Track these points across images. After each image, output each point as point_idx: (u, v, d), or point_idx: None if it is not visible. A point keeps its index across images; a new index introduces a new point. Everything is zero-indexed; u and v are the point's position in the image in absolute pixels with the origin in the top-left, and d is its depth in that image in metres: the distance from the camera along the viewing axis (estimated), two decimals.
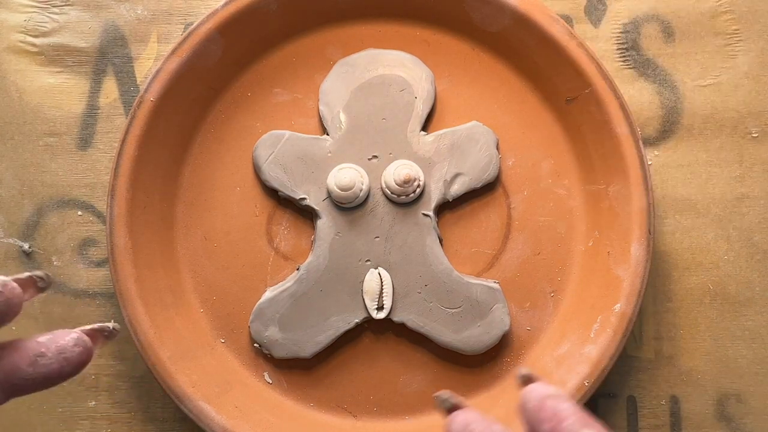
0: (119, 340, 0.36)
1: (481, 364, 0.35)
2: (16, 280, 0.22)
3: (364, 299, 0.34)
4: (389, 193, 0.34)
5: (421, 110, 0.35)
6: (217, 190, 0.35)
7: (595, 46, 0.37)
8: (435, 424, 0.34)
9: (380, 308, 0.34)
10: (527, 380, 0.23)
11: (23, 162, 0.36)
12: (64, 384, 0.35)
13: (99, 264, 0.36)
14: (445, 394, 0.24)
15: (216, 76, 0.35)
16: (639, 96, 0.37)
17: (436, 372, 0.35)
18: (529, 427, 0.22)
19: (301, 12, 0.35)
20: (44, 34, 0.37)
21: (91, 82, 0.37)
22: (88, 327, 0.23)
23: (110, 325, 0.24)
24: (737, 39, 0.37)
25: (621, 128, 0.33)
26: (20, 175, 0.36)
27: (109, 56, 0.37)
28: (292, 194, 0.34)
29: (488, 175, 0.35)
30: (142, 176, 0.34)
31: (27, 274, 0.22)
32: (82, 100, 0.37)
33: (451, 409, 0.23)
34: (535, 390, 0.23)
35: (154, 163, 0.34)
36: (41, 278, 0.23)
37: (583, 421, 0.21)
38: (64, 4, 0.37)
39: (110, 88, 0.37)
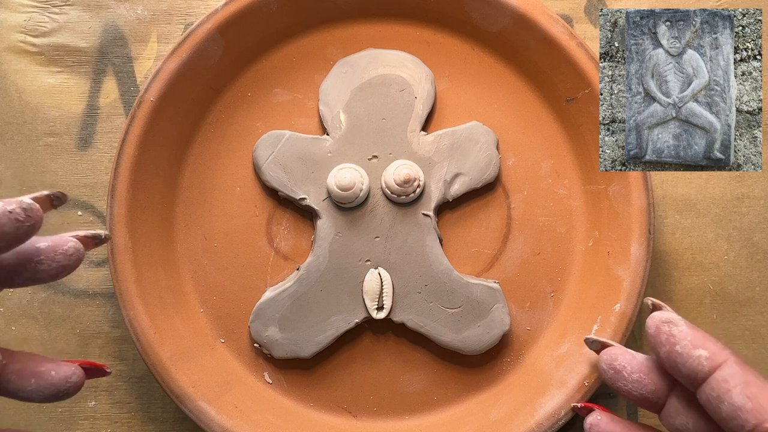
0: (119, 340, 0.36)
1: (481, 364, 0.35)
2: (35, 198, 0.24)
3: (364, 299, 0.34)
4: (389, 193, 0.34)
5: (421, 110, 0.35)
6: (217, 190, 0.35)
7: (595, 46, 0.37)
8: (435, 424, 0.34)
9: (380, 308, 0.34)
10: (654, 308, 0.26)
11: (23, 162, 0.36)
12: None
13: (99, 264, 0.36)
14: (591, 336, 0.28)
15: (216, 76, 0.35)
16: None
17: (436, 372, 0.35)
18: (653, 352, 0.25)
19: (301, 12, 0.35)
20: (44, 34, 0.37)
21: (91, 82, 0.37)
22: (81, 233, 0.26)
23: (101, 232, 0.26)
24: None
25: None
26: (20, 175, 0.36)
27: (109, 56, 0.37)
28: (292, 194, 0.34)
29: (488, 175, 0.35)
30: (142, 176, 0.34)
31: (45, 192, 0.25)
32: (82, 100, 0.37)
33: (600, 348, 0.27)
34: (654, 317, 0.25)
35: (154, 163, 0.34)
36: (57, 197, 0.25)
37: (694, 343, 0.24)
38: (64, 4, 0.37)
39: (110, 88, 0.37)
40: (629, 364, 0.26)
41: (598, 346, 0.27)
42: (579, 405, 0.28)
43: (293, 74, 0.36)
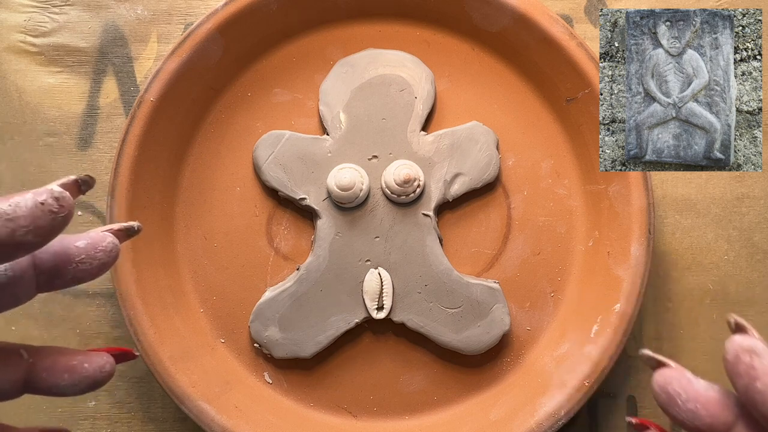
0: (119, 340, 0.36)
1: (481, 364, 0.35)
2: (63, 186, 0.22)
3: (364, 299, 0.34)
4: (389, 193, 0.34)
5: (421, 110, 0.35)
6: (217, 190, 0.35)
7: (595, 46, 0.37)
8: (435, 424, 0.34)
9: (380, 308, 0.34)
10: (738, 328, 0.22)
11: (23, 162, 0.36)
12: None
13: None
14: (648, 352, 0.24)
15: (216, 76, 0.35)
16: None
17: (436, 372, 0.35)
18: (730, 382, 0.22)
19: (301, 12, 0.35)
20: (44, 34, 0.37)
21: (91, 82, 0.37)
22: (115, 227, 0.24)
23: (134, 224, 0.25)
24: None
25: None
26: (20, 175, 0.36)
27: (109, 56, 0.37)
28: (292, 194, 0.34)
29: (488, 175, 0.35)
30: (142, 176, 0.34)
31: (72, 178, 0.22)
32: (82, 100, 0.37)
33: (657, 366, 0.24)
34: (734, 341, 0.22)
35: (154, 163, 0.34)
36: (85, 181, 0.23)
37: None
38: (64, 4, 0.37)
39: (110, 88, 0.37)
40: (685, 390, 0.23)
41: (653, 364, 0.24)
42: (634, 421, 0.25)
43: (293, 74, 0.36)
